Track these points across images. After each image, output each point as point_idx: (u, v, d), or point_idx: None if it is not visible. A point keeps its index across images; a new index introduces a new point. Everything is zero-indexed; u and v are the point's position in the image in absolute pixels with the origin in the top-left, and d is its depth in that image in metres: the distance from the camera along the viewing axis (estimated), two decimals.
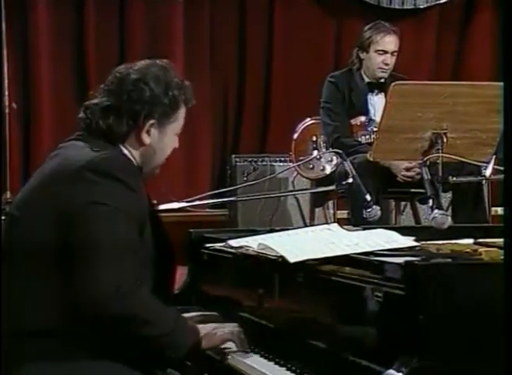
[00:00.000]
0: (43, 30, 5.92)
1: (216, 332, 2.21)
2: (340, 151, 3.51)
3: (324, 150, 4.64)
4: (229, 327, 2.25)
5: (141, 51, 6.04)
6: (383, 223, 3.47)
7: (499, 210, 4.60)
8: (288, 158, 5.19)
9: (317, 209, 5.00)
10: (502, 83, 2.30)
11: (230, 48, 6.46)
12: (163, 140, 2.28)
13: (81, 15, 6.05)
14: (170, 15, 6.22)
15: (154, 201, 2.56)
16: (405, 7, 6.59)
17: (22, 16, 5.90)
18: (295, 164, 4.70)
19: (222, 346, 2.22)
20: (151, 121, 2.24)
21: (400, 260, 1.90)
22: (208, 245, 2.67)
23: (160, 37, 6.21)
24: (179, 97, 2.27)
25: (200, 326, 2.22)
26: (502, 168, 3.13)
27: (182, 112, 2.31)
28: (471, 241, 2.39)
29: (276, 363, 2.11)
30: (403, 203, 4.91)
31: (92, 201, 2.06)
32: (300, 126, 4.83)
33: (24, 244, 2.11)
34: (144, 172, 2.30)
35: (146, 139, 2.25)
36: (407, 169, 4.19)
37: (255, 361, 2.16)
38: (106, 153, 2.15)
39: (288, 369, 2.06)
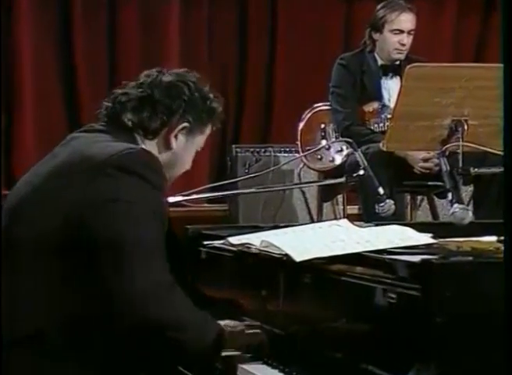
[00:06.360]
0: (26, 30, 5.94)
1: (242, 332, 2.25)
2: (351, 141, 3.52)
3: (333, 139, 4.64)
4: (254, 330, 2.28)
5: (135, 46, 6.07)
6: (397, 218, 3.47)
7: None
8: (294, 149, 5.19)
9: (325, 204, 5.01)
10: None
11: (231, 29, 6.46)
12: (187, 150, 2.33)
13: (68, 9, 6.07)
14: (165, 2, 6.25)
15: None
16: None
17: (4, 14, 5.91)
18: (301, 154, 4.71)
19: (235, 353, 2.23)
20: (185, 124, 2.29)
21: (416, 258, 1.90)
22: (206, 243, 2.68)
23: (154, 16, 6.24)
24: (215, 110, 2.35)
25: (223, 323, 2.24)
26: None
27: (208, 129, 2.38)
28: (493, 238, 2.39)
29: (281, 371, 2.13)
30: (419, 197, 4.92)
31: (116, 199, 2.07)
32: (307, 114, 4.82)
33: (30, 241, 2.10)
34: None
35: (173, 143, 2.29)
36: (425, 160, 4.20)
37: (257, 368, 2.17)
38: (130, 148, 2.16)
39: None
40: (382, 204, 3.09)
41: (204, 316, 2.17)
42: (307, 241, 2.27)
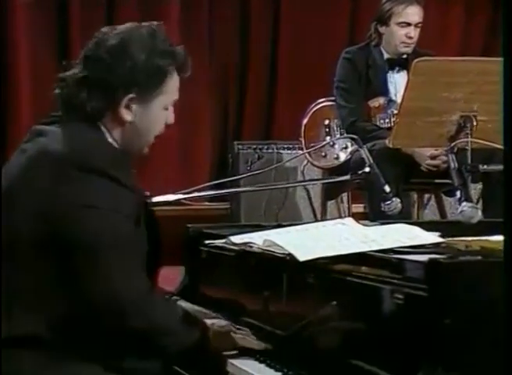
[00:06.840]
0: (23, 28, 5.95)
1: (229, 333, 2.28)
2: (356, 137, 3.51)
3: (338, 135, 4.64)
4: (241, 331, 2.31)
5: None
6: (404, 217, 3.46)
7: None
8: (297, 145, 5.20)
9: (329, 202, 5.01)
10: None
11: (233, 22, 6.46)
12: (148, 116, 2.23)
13: (65, 8, 6.08)
14: None
15: (147, 193, 2.57)
16: None
17: (1, 13, 5.92)
18: (305, 151, 4.71)
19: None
20: (130, 95, 2.19)
21: (423, 258, 1.90)
22: (207, 242, 2.68)
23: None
24: (166, 66, 2.21)
25: (209, 322, 2.28)
26: None
27: (172, 83, 2.25)
28: (503, 237, 2.39)
29: (284, 374, 2.12)
30: (426, 195, 4.92)
31: (85, 205, 2.05)
32: (311, 109, 4.82)
33: (12, 244, 2.11)
34: (130, 152, 2.28)
35: (126, 116, 2.20)
36: (432, 157, 4.19)
37: (261, 371, 2.16)
38: (89, 143, 2.14)
39: None
40: (388, 202, 3.09)
41: (183, 319, 2.20)
42: (311, 240, 2.27)
